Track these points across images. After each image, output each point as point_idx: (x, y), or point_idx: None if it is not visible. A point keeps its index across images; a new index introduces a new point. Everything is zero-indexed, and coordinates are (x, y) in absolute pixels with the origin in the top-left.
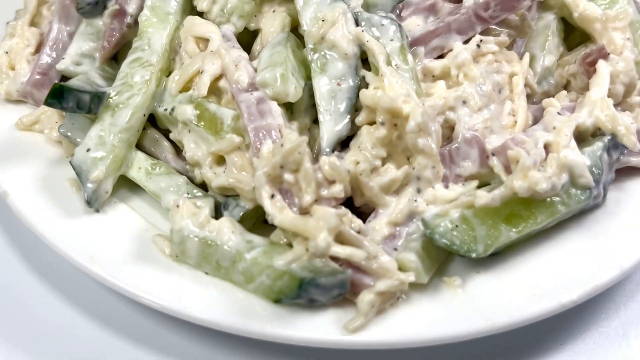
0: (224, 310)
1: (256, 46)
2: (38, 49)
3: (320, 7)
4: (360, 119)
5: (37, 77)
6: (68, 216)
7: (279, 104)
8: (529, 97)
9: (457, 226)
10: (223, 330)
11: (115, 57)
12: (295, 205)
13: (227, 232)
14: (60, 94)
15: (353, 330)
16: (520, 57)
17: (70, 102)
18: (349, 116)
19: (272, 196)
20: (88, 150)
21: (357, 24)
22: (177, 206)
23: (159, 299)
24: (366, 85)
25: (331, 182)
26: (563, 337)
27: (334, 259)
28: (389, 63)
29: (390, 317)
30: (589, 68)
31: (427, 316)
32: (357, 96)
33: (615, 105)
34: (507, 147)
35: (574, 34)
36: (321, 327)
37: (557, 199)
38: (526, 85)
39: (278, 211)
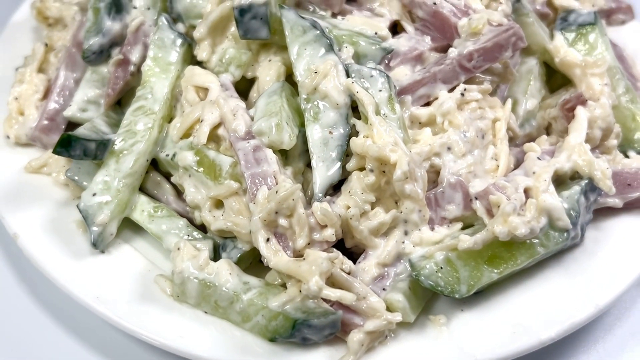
0: (223, 348)
1: (253, 93)
2: (46, 95)
3: (312, 59)
4: (351, 165)
5: (45, 122)
6: (75, 257)
7: (274, 151)
8: (512, 140)
9: (441, 268)
10: None
11: (119, 101)
12: (289, 249)
13: (225, 274)
14: (68, 143)
15: None
16: (503, 101)
17: (77, 150)
18: (339, 162)
19: (268, 240)
20: (94, 194)
21: (347, 75)
22: (178, 249)
23: (161, 337)
24: (356, 133)
25: (323, 227)
26: None
27: (326, 299)
28: (377, 112)
29: (378, 354)
30: (568, 113)
31: (413, 354)
32: (348, 143)
33: (594, 148)
34: (489, 192)
35: (556, 77)
36: None
37: (537, 240)
38: (508, 129)
39: (273, 254)
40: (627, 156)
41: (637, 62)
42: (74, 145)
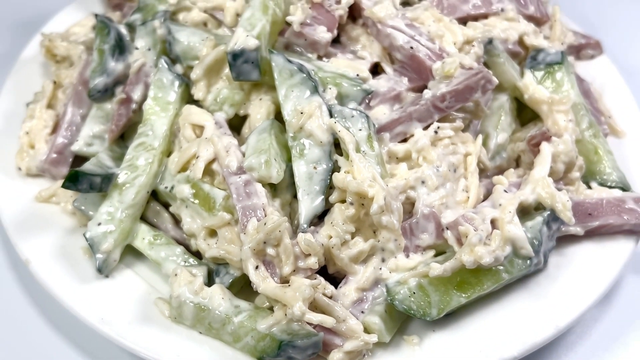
0: None
1: (245, 129)
2: (54, 130)
3: (299, 101)
4: (333, 197)
5: (54, 155)
6: (81, 282)
7: (263, 185)
8: (483, 171)
9: (414, 293)
10: None
11: (122, 135)
12: (276, 275)
13: (218, 299)
14: (75, 178)
15: None
16: (476, 135)
17: (84, 184)
18: (323, 195)
19: (257, 267)
20: (99, 224)
21: (331, 115)
22: (176, 275)
23: (160, 356)
24: (339, 168)
25: (307, 255)
26: None
27: (309, 323)
28: (357, 150)
29: None
30: (534, 148)
31: None
32: (331, 177)
33: (558, 180)
34: (459, 223)
35: (526, 111)
36: None
37: (502, 267)
38: (479, 162)
39: (261, 280)
40: (589, 187)
41: (603, 96)
42: (81, 180)
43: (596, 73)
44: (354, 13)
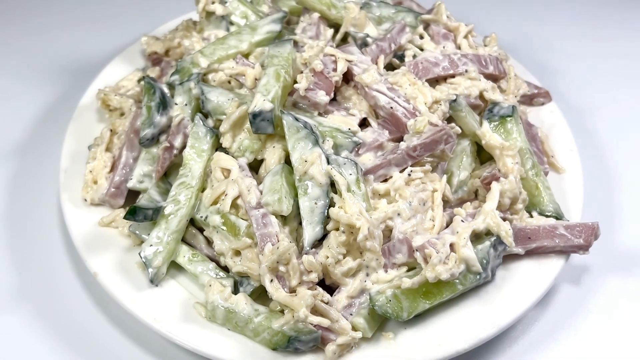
0: (240, 354)
1: (262, 170)
2: (112, 169)
3: (304, 151)
4: (329, 226)
5: (112, 190)
6: (137, 290)
7: (276, 216)
8: (447, 203)
9: (390, 300)
10: None
11: (165, 173)
12: (286, 286)
13: (242, 304)
14: (134, 212)
15: None
16: (442, 174)
17: (140, 216)
18: (321, 224)
19: (272, 280)
20: (151, 245)
21: (328, 162)
22: (210, 285)
23: (199, 346)
24: (334, 204)
25: (309, 271)
26: None
27: (311, 323)
28: (348, 190)
29: (346, 359)
30: (486, 186)
31: (371, 359)
32: (328, 211)
33: (505, 210)
34: (425, 247)
35: (484, 152)
36: None
37: (457, 281)
38: (443, 197)
39: (275, 290)
40: (531, 215)
41: (549, 138)
42: (137, 213)
43: (545, 117)
44: (347, 77)
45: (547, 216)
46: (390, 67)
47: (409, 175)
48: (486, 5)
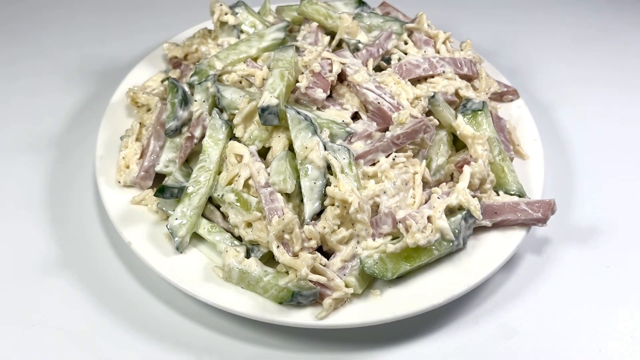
0: (252, 307)
1: (269, 156)
2: (142, 156)
3: (304, 139)
4: (326, 202)
5: (142, 173)
6: (166, 256)
7: (281, 194)
8: (426, 184)
9: (377, 263)
10: (250, 318)
11: (187, 159)
12: (290, 251)
13: (253, 266)
14: (162, 190)
15: (321, 318)
16: (422, 160)
17: (167, 194)
18: (320, 200)
19: (278, 246)
20: (176, 219)
21: (325, 149)
22: (226, 251)
23: (218, 302)
24: (330, 183)
25: (310, 239)
26: (439, 322)
27: (311, 280)
28: (342, 171)
29: (340, 311)
30: (459, 169)
31: (361, 311)
32: (325, 189)
33: (475, 190)
34: (406, 219)
35: (459, 142)
36: (304, 316)
37: (433, 247)
38: (423, 179)
39: (281, 254)
40: (498, 194)
41: (516, 129)
42: (166, 191)
43: (513, 112)
44: (341, 77)
45: (511, 194)
46: (378, 68)
47: (394, 159)
48: (466, 13)
